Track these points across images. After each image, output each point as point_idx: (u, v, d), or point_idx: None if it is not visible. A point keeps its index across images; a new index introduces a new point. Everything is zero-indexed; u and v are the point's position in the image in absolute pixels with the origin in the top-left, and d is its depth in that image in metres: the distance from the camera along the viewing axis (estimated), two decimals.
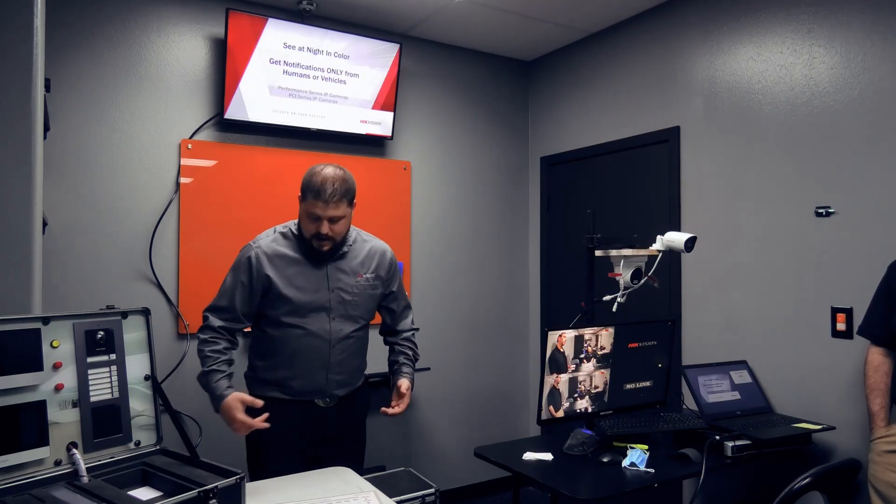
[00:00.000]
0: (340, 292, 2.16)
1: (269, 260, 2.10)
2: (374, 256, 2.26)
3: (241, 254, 2.15)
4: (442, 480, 3.59)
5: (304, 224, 2.10)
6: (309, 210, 2.06)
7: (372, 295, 2.25)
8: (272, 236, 2.17)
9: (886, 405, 2.15)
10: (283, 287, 2.09)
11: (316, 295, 2.13)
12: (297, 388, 2.13)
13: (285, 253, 2.13)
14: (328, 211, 2.04)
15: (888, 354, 2.18)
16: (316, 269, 2.14)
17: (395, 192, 3.61)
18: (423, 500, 3.04)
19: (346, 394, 2.21)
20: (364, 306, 2.22)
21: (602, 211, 3.24)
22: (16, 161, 1.41)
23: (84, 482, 1.32)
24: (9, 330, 1.30)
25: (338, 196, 2.05)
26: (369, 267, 2.23)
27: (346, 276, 2.18)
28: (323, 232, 2.05)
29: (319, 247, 2.09)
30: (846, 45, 2.49)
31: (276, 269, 2.10)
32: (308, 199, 2.06)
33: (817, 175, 2.57)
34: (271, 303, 2.11)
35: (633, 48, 3.41)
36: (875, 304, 2.22)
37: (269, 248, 2.13)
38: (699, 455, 2.20)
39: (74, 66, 2.80)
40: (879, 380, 2.16)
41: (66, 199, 2.77)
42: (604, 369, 2.46)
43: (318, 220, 2.05)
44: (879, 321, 2.19)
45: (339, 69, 3.31)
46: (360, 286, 2.20)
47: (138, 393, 1.52)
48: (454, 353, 3.82)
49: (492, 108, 4.02)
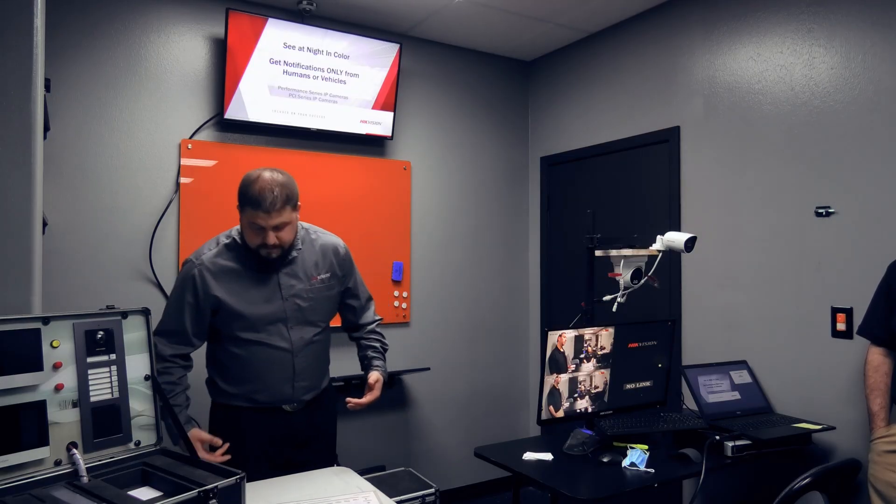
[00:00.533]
0: (295, 300, 2.04)
1: (215, 277, 1.97)
2: (327, 254, 2.14)
3: (183, 270, 2.02)
4: (442, 480, 3.60)
5: (248, 235, 1.96)
6: (250, 221, 1.91)
7: (329, 296, 2.15)
8: (215, 249, 2.02)
9: (886, 405, 2.15)
10: (234, 304, 1.97)
11: (270, 307, 2.01)
12: (263, 400, 2.04)
13: (231, 266, 1.99)
14: (271, 220, 1.90)
15: (888, 354, 2.18)
16: (266, 280, 2.02)
17: (395, 192, 3.61)
18: (423, 500, 3.04)
19: (313, 397, 2.14)
20: (322, 310, 2.13)
21: (602, 211, 3.23)
22: (16, 161, 1.41)
23: (84, 482, 1.32)
24: (9, 330, 1.30)
25: (279, 203, 1.89)
26: (323, 267, 2.12)
27: (298, 283, 2.06)
28: (269, 242, 1.92)
29: (268, 255, 1.96)
30: (846, 45, 2.49)
31: (223, 285, 1.97)
32: (247, 210, 1.91)
33: (817, 175, 2.57)
34: (224, 321, 2.00)
35: (633, 48, 3.41)
36: (875, 304, 2.23)
37: (213, 263, 1.99)
38: (699, 455, 2.20)
39: (74, 66, 2.80)
40: (880, 380, 2.16)
41: (66, 199, 2.77)
42: (604, 369, 2.46)
43: (261, 231, 1.92)
44: (879, 321, 2.19)
45: (339, 69, 3.31)
46: (316, 289, 2.09)
47: (138, 393, 1.52)
48: (454, 353, 3.82)
49: (492, 108, 4.02)
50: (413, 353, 3.65)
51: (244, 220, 1.96)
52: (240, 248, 2.02)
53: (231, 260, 2.01)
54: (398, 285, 3.58)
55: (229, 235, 2.06)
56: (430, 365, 3.67)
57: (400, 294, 3.59)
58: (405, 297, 3.61)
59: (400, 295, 3.59)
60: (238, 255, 2.01)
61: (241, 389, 2.04)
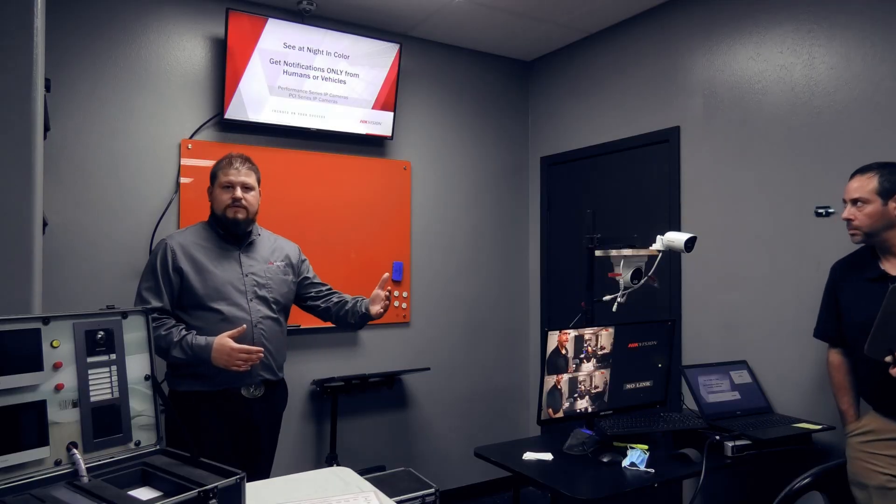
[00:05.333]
0: (253, 276, 2.30)
1: (183, 250, 2.23)
2: (283, 249, 2.45)
3: (155, 249, 2.28)
4: (442, 480, 3.59)
5: (219, 198, 2.27)
6: (222, 180, 2.26)
7: (284, 280, 2.38)
8: (186, 230, 2.35)
9: (853, 402, 2.21)
10: (198, 272, 2.21)
11: (230, 276, 2.25)
12: (221, 378, 2.17)
13: (198, 242, 2.28)
14: (241, 176, 2.26)
15: (845, 353, 2.23)
16: (228, 255, 2.29)
17: (395, 192, 3.61)
18: (423, 500, 3.04)
19: (270, 382, 2.31)
20: (278, 290, 2.35)
21: (602, 211, 3.23)
22: (16, 161, 1.41)
23: (84, 482, 1.32)
24: (9, 330, 1.30)
25: (247, 165, 2.31)
26: (278, 257, 2.40)
27: (256, 263, 2.33)
28: (237, 196, 2.24)
29: (234, 215, 2.25)
30: (846, 45, 2.49)
31: (189, 257, 2.22)
32: (219, 174, 2.28)
33: (817, 175, 2.57)
34: (188, 290, 2.20)
35: (633, 48, 3.41)
36: (823, 307, 2.30)
37: (182, 238, 2.28)
38: (699, 455, 2.20)
39: (74, 66, 2.80)
40: (842, 379, 2.23)
41: (66, 199, 2.77)
42: (604, 369, 2.46)
43: (230, 188, 2.25)
44: (829, 325, 2.26)
45: (339, 69, 3.31)
46: (272, 271, 2.35)
47: (138, 393, 1.52)
48: (454, 352, 3.82)
49: (492, 108, 4.02)
50: (413, 353, 3.65)
51: (216, 187, 2.29)
52: (208, 228, 2.33)
53: (199, 237, 2.30)
54: (398, 285, 3.58)
55: (197, 224, 2.38)
56: (430, 365, 3.66)
57: (400, 294, 3.59)
58: (405, 297, 3.61)
59: (400, 295, 3.59)
60: (206, 233, 2.32)
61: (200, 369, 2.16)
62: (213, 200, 2.33)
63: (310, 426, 3.33)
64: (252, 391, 2.26)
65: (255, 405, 2.27)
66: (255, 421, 2.28)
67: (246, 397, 2.25)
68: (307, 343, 3.31)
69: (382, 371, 3.48)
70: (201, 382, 2.18)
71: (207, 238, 2.30)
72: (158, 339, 2.10)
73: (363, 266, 3.46)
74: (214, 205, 2.31)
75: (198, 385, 2.19)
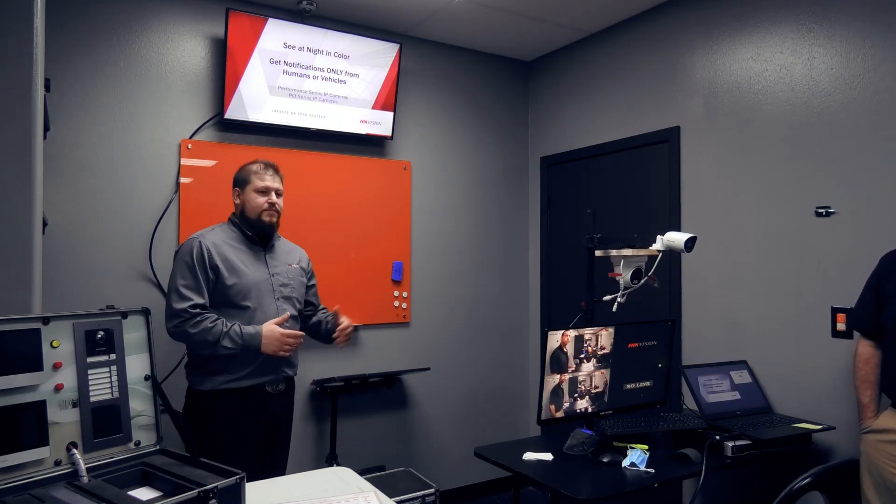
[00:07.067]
0: (278, 276, 2.41)
1: (216, 248, 2.29)
2: (296, 252, 2.56)
3: (184, 246, 2.31)
4: (442, 480, 3.60)
5: (253, 202, 2.35)
6: (258, 185, 2.34)
7: (302, 282, 2.52)
8: (213, 229, 2.38)
9: (875, 396, 2.18)
10: (231, 269, 2.28)
11: (259, 276, 2.34)
12: (248, 372, 2.25)
13: (228, 242, 2.35)
14: (276, 182, 2.38)
15: (877, 347, 2.20)
16: (256, 256, 2.38)
17: (395, 192, 3.61)
18: (423, 500, 3.04)
19: (288, 378, 2.42)
20: (298, 290, 2.48)
21: (602, 211, 3.23)
22: (16, 161, 1.41)
23: (84, 482, 1.32)
24: (9, 330, 1.30)
25: (278, 172, 2.43)
26: (295, 259, 2.52)
27: (279, 265, 2.43)
28: (273, 201, 2.35)
29: (270, 219, 2.35)
30: (846, 45, 2.49)
31: (221, 254, 2.29)
32: (253, 178, 2.35)
33: (817, 175, 2.57)
34: (221, 287, 2.26)
35: (633, 48, 3.41)
36: (863, 297, 2.24)
37: (213, 237, 2.33)
38: (699, 455, 2.20)
39: (74, 66, 2.80)
40: (870, 372, 2.19)
41: (66, 199, 2.77)
42: (604, 369, 2.46)
43: (266, 193, 2.35)
44: (868, 315, 2.21)
45: (339, 69, 3.31)
46: (293, 272, 2.47)
47: (138, 393, 1.52)
48: (454, 353, 3.82)
49: (492, 108, 4.02)
50: (413, 353, 3.65)
51: (249, 191, 2.36)
52: (235, 228, 2.39)
53: (228, 237, 2.36)
54: (398, 285, 3.58)
55: (222, 224, 2.43)
56: (430, 365, 3.66)
57: (400, 294, 3.59)
58: (405, 297, 3.61)
59: (400, 295, 3.59)
60: (234, 234, 2.38)
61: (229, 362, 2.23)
62: (244, 203, 2.38)
63: (310, 426, 3.33)
64: (276, 386, 2.34)
65: (277, 400, 2.36)
66: (276, 415, 2.37)
67: (270, 392, 2.32)
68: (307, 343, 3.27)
69: (382, 371, 3.48)
70: (228, 380, 2.24)
71: (236, 238, 2.37)
72: (205, 331, 2.17)
73: (363, 266, 3.46)
74: (247, 207, 2.37)
75: (224, 383, 2.24)
